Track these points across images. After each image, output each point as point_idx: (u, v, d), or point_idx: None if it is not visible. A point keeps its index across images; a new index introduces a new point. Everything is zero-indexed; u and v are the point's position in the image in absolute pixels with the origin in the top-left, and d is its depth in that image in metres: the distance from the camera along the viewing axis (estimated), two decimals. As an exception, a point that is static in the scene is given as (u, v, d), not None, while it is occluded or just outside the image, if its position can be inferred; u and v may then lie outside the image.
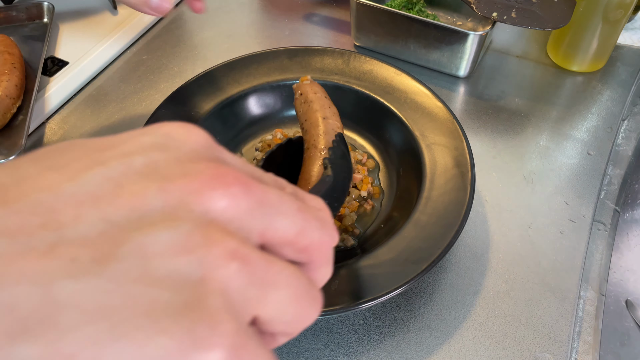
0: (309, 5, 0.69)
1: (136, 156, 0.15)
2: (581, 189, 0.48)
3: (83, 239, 0.13)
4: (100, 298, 0.13)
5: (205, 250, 0.14)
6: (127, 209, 0.14)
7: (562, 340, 0.38)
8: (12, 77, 0.49)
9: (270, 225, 0.16)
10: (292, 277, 0.16)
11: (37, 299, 0.12)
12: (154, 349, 0.13)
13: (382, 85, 0.48)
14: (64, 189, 0.14)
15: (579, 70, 0.59)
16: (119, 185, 0.14)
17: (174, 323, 0.13)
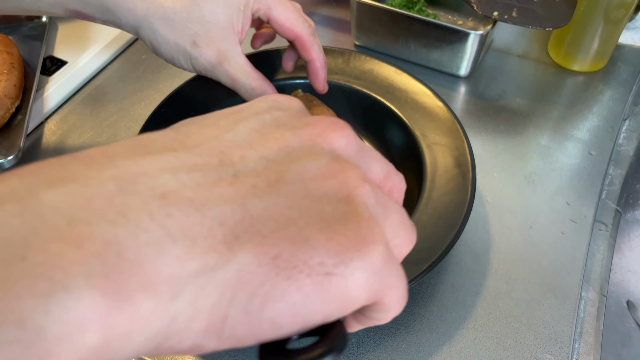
0: (309, 5, 0.69)
1: (264, 114, 0.19)
2: (582, 189, 0.48)
3: (254, 171, 0.16)
4: (284, 211, 0.16)
5: (344, 175, 0.17)
6: (276, 149, 0.17)
7: (563, 341, 0.38)
8: (11, 76, 0.49)
9: (369, 166, 0.20)
10: (397, 205, 0.19)
11: (239, 214, 0.15)
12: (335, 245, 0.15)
13: (383, 84, 0.48)
14: (224, 138, 0.17)
15: (580, 70, 0.59)
16: (263, 133, 0.18)
17: (342, 226, 0.16)
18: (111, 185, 0.14)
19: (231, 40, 0.39)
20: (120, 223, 0.13)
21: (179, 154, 0.16)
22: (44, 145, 0.52)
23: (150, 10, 0.37)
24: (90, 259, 0.12)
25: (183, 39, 0.38)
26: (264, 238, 0.15)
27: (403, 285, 0.18)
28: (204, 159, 0.16)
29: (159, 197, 0.14)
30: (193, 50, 0.39)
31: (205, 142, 0.17)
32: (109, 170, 0.14)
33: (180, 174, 0.15)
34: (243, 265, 0.14)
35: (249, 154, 0.17)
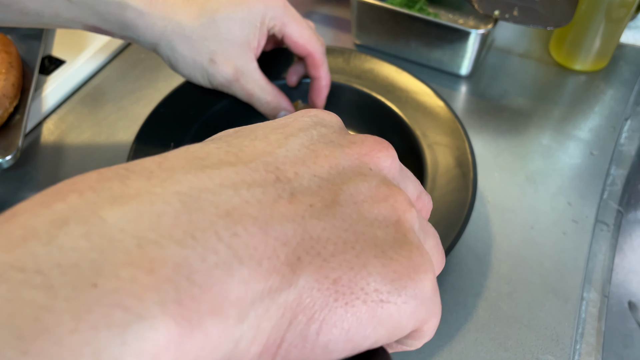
0: (309, 4, 0.68)
1: (310, 130, 0.18)
2: (584, 189, 0.47)
3: (309, 190, 0.16)
4: (341, 234, 0.15)
5: (394, 198, 0.17)
6: (327, 167, 0.17)
7: (565, 342, 0.37)
8: (9, 76, 0.48)
9: (406, 186, 0.20)
10: (433, 229, 0.19)
11: (300, 235, 0.15)
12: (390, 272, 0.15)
13: (383, 84, 0.48)
14: (278, 153, 0.17)
15: (582, 69, 0.59)
16: (313, 150, 0.17)
17: (396, 253, 0.16)
18: (176, 202, 0.13)
19: (247, 56, 0.40)
20: (189, 244, 0.13)
21: (238, 168, 0.15)
22: (43, 145, 0.51)
23: (168, 28, 0.38)
24: (162, 284, 0.12)
25: (201, 57, 0.39)
26: (325, 261, 0.15)
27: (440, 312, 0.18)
28: (261, 174, 0.15)
29: (224, 215, 0.14)
30: (210, 67, 0.39)
31: (260, 157, 0.16)
32: (172, 185, 0.14)
33: (241, 190, 0.15)
34: (305, 288, 0.14)
35: (302, 171, 0.16)
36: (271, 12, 0.40)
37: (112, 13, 0.37)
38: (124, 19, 0.37)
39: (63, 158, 0.50)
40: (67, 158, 0.50)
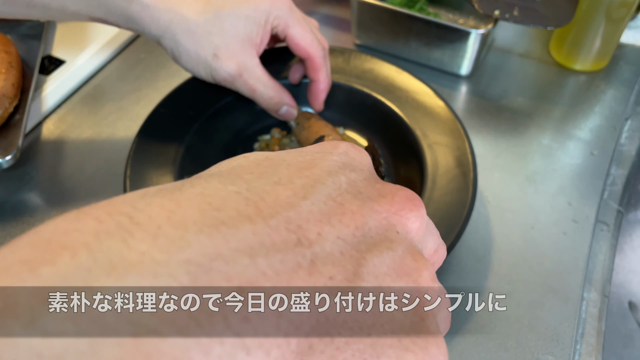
0: (309, 4, 0.68)
1: (339, 175, 0.16)
2: (584, 189, 0.47)
3: (331, 258, 0.14)
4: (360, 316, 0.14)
5: (418, 273, 0.16)
6: (353, 228, 0.15)
7: (565, 342, 0.37)
8: (9, 76, 0.48)
9: (427, 242, 0.18)
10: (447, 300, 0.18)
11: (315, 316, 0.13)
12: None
13: (383, 84, 0.48)
14: (302, 207, 0.15)
15: (582, 69, 0.59)
16: (340, 203, 0.15)
17: (412, 343, 0.14)
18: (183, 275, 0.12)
19: (250, 53, 0.40)
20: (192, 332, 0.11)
21: (257, 227, 0.13)
22: (42, 145, 0.51)
23: (173, 22, 0.38)
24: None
25: (205, 51, 0.39)
26: (337, 350, 0.13)
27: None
28: (281, 235, 0.14)
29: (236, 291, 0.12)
30: (214, 62, 0.39)
31: (282, 211, 0.14)
32: (180, 251, 0.12)
33: (258, 257, 0.13)
34: None
35: (326, 231, 0.15)
36: (276, 12, 0.40)
37: (118, 6, 0.37)
38: (129, 12, 0.37)
39: (63, 158, 0.50)
40: (67, 158, 0.50)
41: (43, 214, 0.46)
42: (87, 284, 0.11)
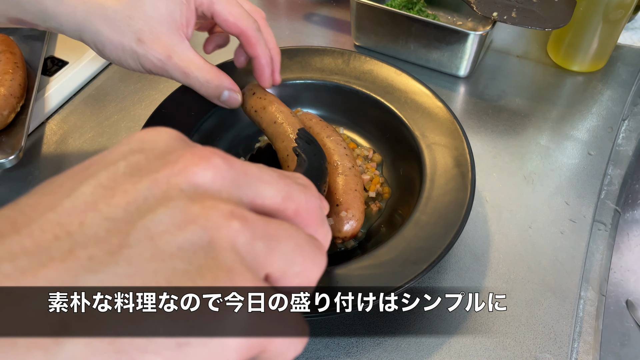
0: (309, 5, 0.69)
1: (119, 162, 0.16)
2: (582, 189, 0.48)
3: (94, 239, 0.14)
4: (124, 282, 0.14)
5: (205, 216, 0.15)
6: (123, 205, 0.15)
7: (563, 341, 0.38)
8: (16, 75, 0.49)
9: (257, 193, 0.17)
10: (291, 230, 0.17)
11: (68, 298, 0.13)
12: None
13: (383, 85, 0.48)
14: (63, 205, 0.15)
15: (580, 70, 0.59)
16: (110, 188, 0.16)
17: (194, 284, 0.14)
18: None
19: (177, 34, 0.38)
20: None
21: (5, 239, 0.14)
22: (45, 145, 0.52)
23: (90, 12, 0.36)
24: None
25: (127, 37, 0.37)
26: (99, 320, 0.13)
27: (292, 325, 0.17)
28: (34, 238, 0.14)
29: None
30: (139, 48, 0.37)
31: (39, 217, 0.15)
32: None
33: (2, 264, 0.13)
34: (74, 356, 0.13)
35: (90, 218, 0.15)
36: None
37: (31, 2, 0.35)
38: (44, 7, 0.36)
39: (65, 158, 0.51)
40: (70, 158, 0.51)
41: (46, 214, 0.46)
42: None
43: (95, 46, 0.38)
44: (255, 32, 0.40)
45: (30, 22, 0.37)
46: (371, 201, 0.44)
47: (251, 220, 0.16)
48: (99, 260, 0.14)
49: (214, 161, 0.17)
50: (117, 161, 0.17)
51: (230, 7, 0.39)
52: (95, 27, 0.37)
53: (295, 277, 0.17)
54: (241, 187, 0.17)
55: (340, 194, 0.39)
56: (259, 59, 0.42)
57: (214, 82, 0.40)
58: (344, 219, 0.38)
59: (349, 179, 0.40)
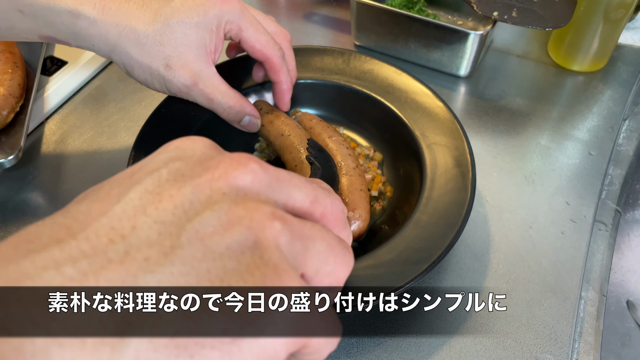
0: (309, 5, 0.69)
1: (161, 169, 0.18)
2: (582, 189, 0.48)
3: (147, 241, 0.15)
4: (180, 280, 0.15)
5: (249, 217, 0.16)
6: (171, 209, 0.16)
7: (563, 341, 0.38)
8: (15, 75, 0.49)
9: (289, 196, 0.19)
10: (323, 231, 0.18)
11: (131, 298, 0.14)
12: None
13: (383, 84, 0.48)
14: (114, 210, 0.16)
15: (580, 70, 0.59)
16: (157, 194, 0.17)
17: (245, 282, 0.15)
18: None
19: (205, 61, 0.39)
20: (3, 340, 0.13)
21: (64, 244, 0.15)
22: (44, 145, 0.52)
23: (122, 35, 0.37)
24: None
25: (156, 62, 0.38)
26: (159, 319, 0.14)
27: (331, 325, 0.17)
28: (91, 243, 0.15)
29: (42, 300, 0.14)
30: (167, 73, 0.38)
31: (93, 222, 0.16)
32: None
33: (65, 267, 0.14)
34: (139, 353, 0.14)
35: (141, 222, 0.16)
36: (227, 16, 0.39)
37: (65, 23, 0.36)
38: (77, 29, 0.37)
39: (65, 158, 0.51)
40: (69, 158, 0.50)
41: (45, 214, 0.46)
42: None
43: (124, 67, 0.40)
44: (279, 59, 0.42)
45: (63, 41, 0.38)
46: (374, 200, 0.44)
47: (289, 221, 0.17)
48: (154, 261, 0.15)
49: (251, 166, 0.18)
50: (159, 168, 0.18)
51: (258, 35, 0.40)
52: (125, 50, 0.38)
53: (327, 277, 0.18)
54: (275, 190, 0.18)
55: (346, 194, 0.39)
56: (280, 84, 0.44)
57: (236, 108, 0.42)
58: (350, 219, 0.38)
59: (354, 179, 0.40)
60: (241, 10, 0.39)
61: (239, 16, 0.39)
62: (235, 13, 0.39)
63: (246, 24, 0.40)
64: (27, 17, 0.36)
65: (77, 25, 0.37)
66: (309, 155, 0.31)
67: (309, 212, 0.19)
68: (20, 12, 0.36)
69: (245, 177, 0.17)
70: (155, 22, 0.37)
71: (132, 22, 0.37)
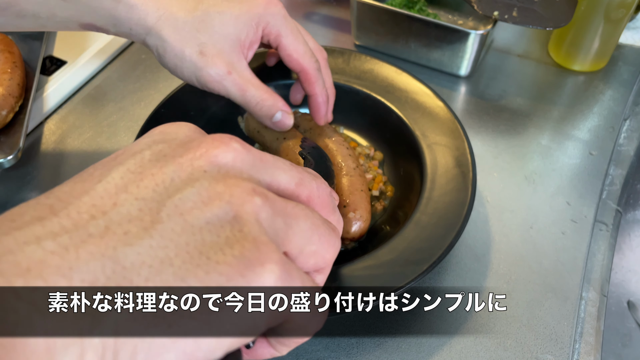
0: (309, 4, 0.69)
1: (144, 151, 0.18)
2: (583, 189, 0.47)
3: (128, 217, 0.16)
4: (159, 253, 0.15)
5: (229, 193, 0.17)
6: (152, 186, 0.17)
7: (564, 342, 0.38)
8: (14, 75, 0.49)
9: (273, 177, 0.19)
10: (307, 210, 0.19)
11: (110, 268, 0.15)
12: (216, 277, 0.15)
13: (383, 84, 0.48)
14: (96, 189, 0.16)
15: (581, 70, 0.59)
16: (138, 173, 0.17)
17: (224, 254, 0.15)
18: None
19: (238, 52, 0.39)
20: None
21: (45, 221, 0.15)
22: (44, 145, 0.52)
23: (161, 19, 0.37)
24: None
25: (190, 48, 0.37)
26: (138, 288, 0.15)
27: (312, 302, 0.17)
28: (72, 219, 0.15)
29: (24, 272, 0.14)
30: (199, 60, 0.37)
31: (75, 200, 0.16)
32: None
33: (45, 241, 0.14)
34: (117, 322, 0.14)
35: (123, 198, 0.16)
36: (269, 18, 0.39)
37: (105, 8, 0.36)
38: (116, 13, 0.37)
39: (64, 158, 0.50)
40: (68, 158, 0.50)
41: (44, 214, 0.46)
42: None
43: (157, 51, 0.39)
44: (315, 71, 0.41)
45: (102, 28, 0.38)
46: (375, 200, 0.44)
47: (271, 198, 0.17)
48: (134, 234, 0.15)
49: (233, 145, 0.18)
50: (142, 150, 0.18)
51: (297, 44, 0.40)
52: (160, 33, 0.37)
53: (312, 256, 0.18)
54: (259, 170, 0.18)
55: (347, 195, 0.39)
56: (315, 97, 0.42)
57: (269, 101, 0.40)
58: (352, 219, 0.38)
59: (354, 179, 0.40)
60: (284, 16, 0.39)
61: (282, 22, 0.39)
62: (278, 17, 0.39)
63: (287, 31, 0.39)
64: (69, 4, 0.36)
65: (117, 9, 0.36)
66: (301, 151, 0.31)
67: (295, 194, 0.19)
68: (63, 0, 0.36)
69: (227, 155, 0.18)
70: (196, 10, 0.37)
71: (174, 8, 0.37)
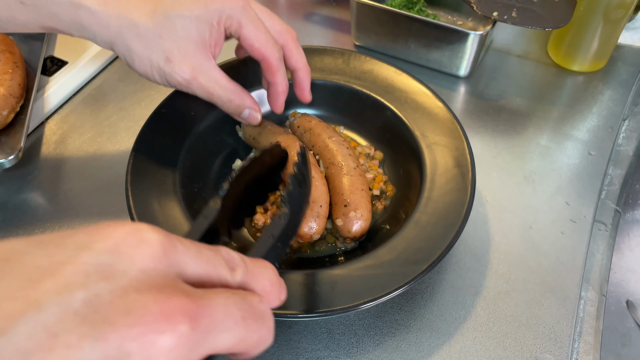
0: (309, 5, 0.69)
1: (77, 290, 0.14)
2: (582, 189, 0.48)
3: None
4: None
5: None
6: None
7: (563, 341, 0.38)
8: (15, 75, 0.49)
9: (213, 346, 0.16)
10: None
11: None
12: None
13: (383, 85, 0.48)
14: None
15: (580, 70, 0.59)
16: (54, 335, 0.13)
17: None
18: None
19: (204, 55, 0.39)
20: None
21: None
22: (45, 145, 0.52)
23: (123, 27, 0.37)
24: None
25: (156, 55, 0.38)
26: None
27: None
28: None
29: None
30: (166, 66, 0.38)
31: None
32: None
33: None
34: None
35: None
36: (229, 11, 0.39)
37: (66, 13, 0.36)
38: (78, 19, 0.37)
39: (64, 158, 0.51)
40: (69, 158, 0.51)
41: (45, 214, 0.46)
42: None
43: (125, 59, 0.40)
44: (277, 60, 0.41)
45: (64, 31, 0.38)
46: (375, 199, 0.44)
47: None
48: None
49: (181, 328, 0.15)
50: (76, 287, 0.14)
51: (258, 33, 0.40)
52: (126, 42, 0.38)
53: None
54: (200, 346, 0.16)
55: (348, 194, 0.39)
56: (275, 86, 0.43)
57: (236, 101, 0.42)
58: (352, 219, 0.38)
59: (355, 178, 0.40)
60: (243, 6, 0.39)
61: (241, 12, 0.39)
62: (237, 9, 0.39)
63: (246, 21, 0.39)
64: (28, 8, 0.36)
65: (78, 15, 0.37)
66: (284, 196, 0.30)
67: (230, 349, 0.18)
68: (21, 3, 0.36)
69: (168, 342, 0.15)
70: (155, 14, 0.37)
71: (133, 14, 0.37)
